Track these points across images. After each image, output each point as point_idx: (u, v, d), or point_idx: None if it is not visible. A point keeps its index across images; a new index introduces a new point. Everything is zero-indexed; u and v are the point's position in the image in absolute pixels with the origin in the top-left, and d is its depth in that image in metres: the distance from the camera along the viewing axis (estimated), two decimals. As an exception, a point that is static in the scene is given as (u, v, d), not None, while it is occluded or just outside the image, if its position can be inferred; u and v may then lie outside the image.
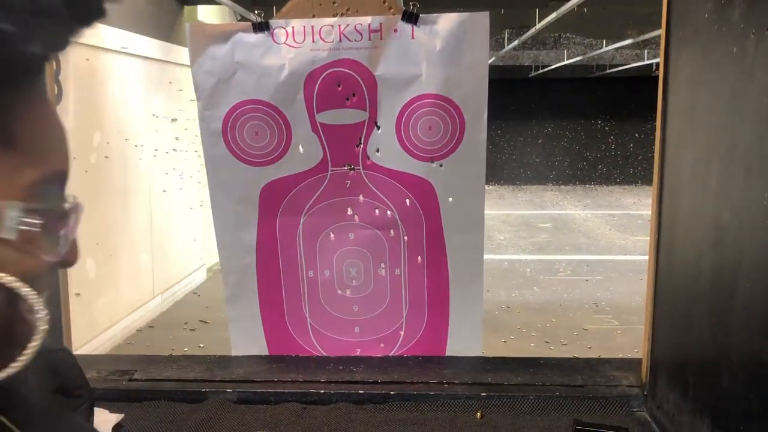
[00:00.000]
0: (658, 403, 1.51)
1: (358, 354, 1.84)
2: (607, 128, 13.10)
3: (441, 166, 1.66)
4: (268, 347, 1.85)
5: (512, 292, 6.15)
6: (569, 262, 7.33)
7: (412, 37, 1.58)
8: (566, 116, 13.04)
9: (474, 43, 1.58)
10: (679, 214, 1.43)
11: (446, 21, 1.57)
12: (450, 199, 1.68)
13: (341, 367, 1.76)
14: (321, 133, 1.67)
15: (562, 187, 12.93)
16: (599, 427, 1.46)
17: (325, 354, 1.85)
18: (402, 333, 1.82)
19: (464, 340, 1.81)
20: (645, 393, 1.59)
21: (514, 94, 12.35)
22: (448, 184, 1.67)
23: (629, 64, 10.75)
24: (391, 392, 1.65)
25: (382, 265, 1.77)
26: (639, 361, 1.65)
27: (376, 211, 1.72)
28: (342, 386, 1.67)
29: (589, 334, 5.02)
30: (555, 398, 1.61)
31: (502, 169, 12.76)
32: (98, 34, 4.67)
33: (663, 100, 1.47)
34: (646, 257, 1.60)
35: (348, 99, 1.62)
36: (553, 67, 11.19)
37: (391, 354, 1.84)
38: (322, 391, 1.65)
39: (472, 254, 1.73)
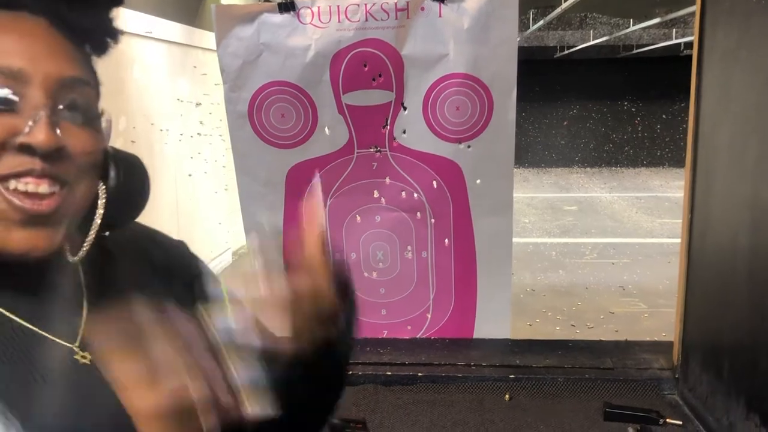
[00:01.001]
0: (690, 386, 1.49)
1: (384, 336, 1.84)
2: (633, 109, 12.89)
3: (469, 147, 1.64)
4: None
5: (537, 275, 6.10)
6: (595, 245, 7.25)
7: (440, 16, 1.56)
8: (592, 97, 12.84)
9: (503, 21, 1.55)
10: (713, 194, 1.39)
11: None
12: (478, 180, 1.66)
13: (368, 349, 1.76)
14: (347, 115, 1.65)
15: (588, 169, 12.77)
16: (630, 410, 1.44)
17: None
18: (429, 315, 1.81)
19: (492, 323, 1.80)
20: (676, 376, 1.56)
21: (538, 75, 12.18)
22: (476, 166, 1.65)
23: (657, 43, 10.54)
24: (419, 374, 1.64)
25: (409, 247, 1.76)
26: (669, 344, 1.62)
27: (403, 193, 1.71)
28: (369, 368, 1.67)
29: (616, 318, 4.97)
30: (584, 381, 1.59)
31: (526, 152, 12.64)
32: (122, 18, 4.68)
33: (697, 77, 1.43)
34: (674, 240, 1.58)
35: (374, 79, 1.61)
36: (578, 47, 11.01)
37: (418, 336, 1.83)
38: (350, 373, 1.64)
39: (501, 236, 1.71)
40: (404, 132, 1.66)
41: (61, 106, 0.58)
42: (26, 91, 0.56)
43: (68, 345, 0.60)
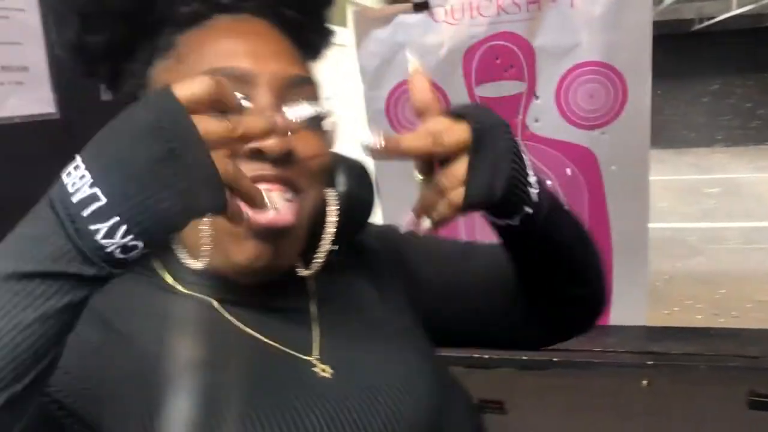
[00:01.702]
0: None
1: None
2: (783, 82, 11.94)
3: (603, 133, 1.64)
4: None
5: (675, 262, 5.83)
6: (739, 230, 6.83)
7: (572, 6, 1.57)
8: (735, 71, 12.01)
9: (636, 6, 1.54)
10: None
11: None
12: (613, 167, 1.66)
13: (503, 334, 1.82)
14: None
15: (732, 148, 11.96)
16: (778, 400, 1.41)
17: None
18: None
19: (628, 310, 1.79)
20: (831, 367, 1.50)
21: (675, 50, 11.52)
22: (611, 152, 1.65)
23: (810, 8, 9.68)
24: (554, 359, 1.67)
25: None
26: (825, 333, 1.56)
27: None
28: (506, 353, 1.72)
29: (764, 306, 4.69)
30: (727, 368, 1.56)
31: (663, 131, 12.00)
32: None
33: None
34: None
35: (506, 71, 1.65)
36: (719, 18, 10.34)
37: (552, 322, 1.86)
38: (486, 356, 1.71)
39: (637, 223, 1.70)
40: (537, 120, 1.68)
41: (287, 107, 0.57)
42: (254, 93, 0.56)
43: (307, 359, 0.59)
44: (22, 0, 1.08)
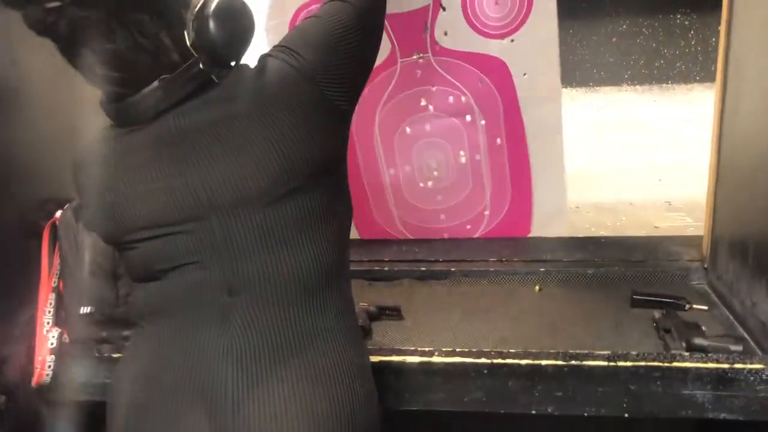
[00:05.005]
0: (718, 274, 1.53)
1: (445, 237, 1.91)
2: (687, 23, 12.31)
3: (512, 41, 1.62)
4: (359, 233, 1.95)
5: (582, 193, 6.03)
6: (642, 163, 7.12)
7: None
8: (642, 12, 12.26)
9: None
10: (743, 91, 1.40)
11: None
12: (524, 74, 1.65)
13: (404, 249, 1.85)
14: (386, 23, 1.67)
15: (638, 87, 12.34)
16: (657, 297, 1.49)
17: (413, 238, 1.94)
18: (487, 213, 1.85)
19: (549, 218, 1.83)
20: (705, 266, 1.60)
21: (585, -11, 11.71)
22: (521, 59, 1.63)
23: (714, -50, 9.97)
24: (452, 269, 1.72)
25: (462, 152, 1.78)
26: (700, 238, 1.65)
27: (450, 98, 1.72)
28: (404, 264, 1.75)
29: (661, 232, 4.93)
30: (614, 273, 1.65)
31: (573, 71, 12.26)
32: None
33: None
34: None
35: (409, -17, 1.62)
36: (629, -42, 10.51)
37: (477, 234, 1.89)
38: (387, 269, 1.74)
39: (551, 128, 1.71)
40: (446, 34, 1.65)
41: None
42: None
43: None
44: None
